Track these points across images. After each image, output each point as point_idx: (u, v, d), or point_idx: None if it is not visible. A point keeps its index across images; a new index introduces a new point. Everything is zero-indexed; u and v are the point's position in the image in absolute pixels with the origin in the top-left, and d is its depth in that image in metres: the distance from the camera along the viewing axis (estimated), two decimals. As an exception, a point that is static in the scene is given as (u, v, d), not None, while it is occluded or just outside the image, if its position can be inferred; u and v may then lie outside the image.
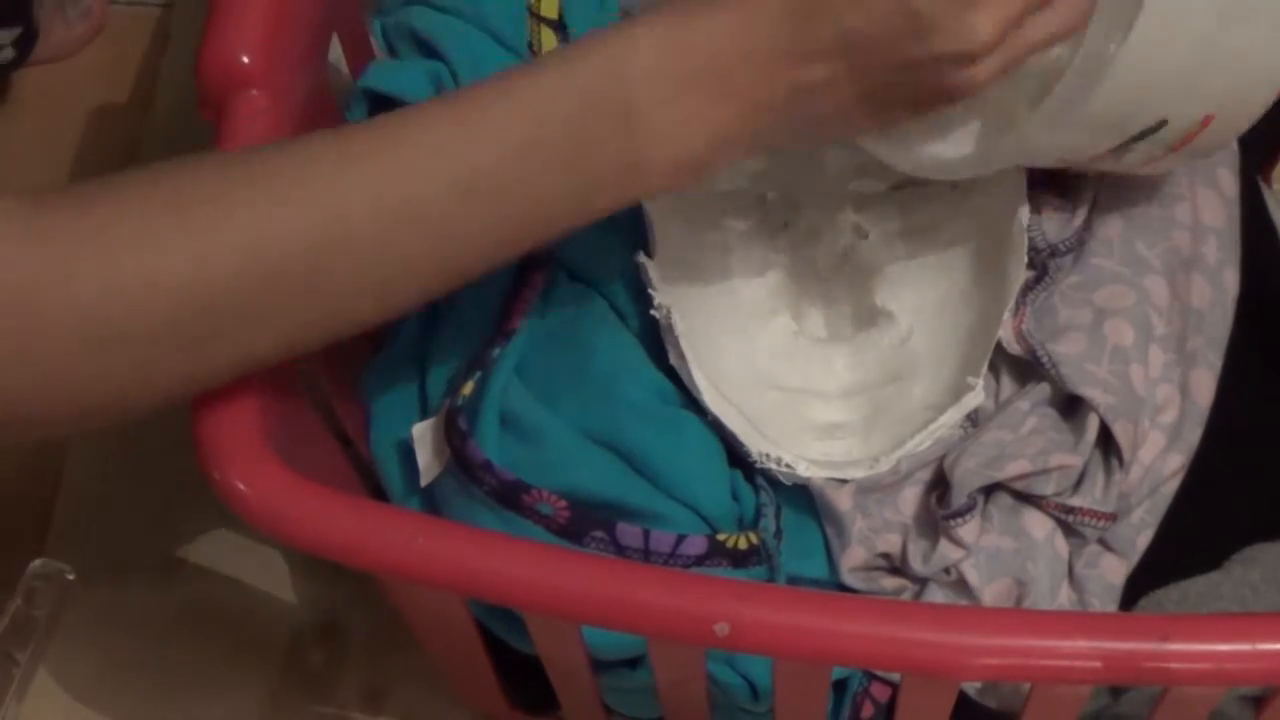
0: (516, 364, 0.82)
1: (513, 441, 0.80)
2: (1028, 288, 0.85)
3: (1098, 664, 0.64)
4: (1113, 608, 0.82)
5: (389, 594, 0.80)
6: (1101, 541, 0.83)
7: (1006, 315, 0.84)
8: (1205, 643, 0.64)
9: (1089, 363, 0.82)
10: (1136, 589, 0.84)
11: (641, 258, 0.83)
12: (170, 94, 1.17)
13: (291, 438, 0.71)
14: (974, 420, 0.84)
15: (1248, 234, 0.92)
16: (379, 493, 0.85)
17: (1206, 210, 0.89)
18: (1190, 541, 0.85)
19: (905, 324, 0.90)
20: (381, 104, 0.89)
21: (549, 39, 0.90)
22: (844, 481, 0.83)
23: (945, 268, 0.90)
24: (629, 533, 0.78)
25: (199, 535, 1.02)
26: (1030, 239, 0.85)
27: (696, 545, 0.79)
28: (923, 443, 0.82)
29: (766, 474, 0.82)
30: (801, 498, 0.83)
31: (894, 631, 0.64)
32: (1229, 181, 0.91)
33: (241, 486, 0.68)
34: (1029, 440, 0.81)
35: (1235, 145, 0.93)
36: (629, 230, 0.86)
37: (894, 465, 0.82)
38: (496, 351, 0.81)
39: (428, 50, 0.89)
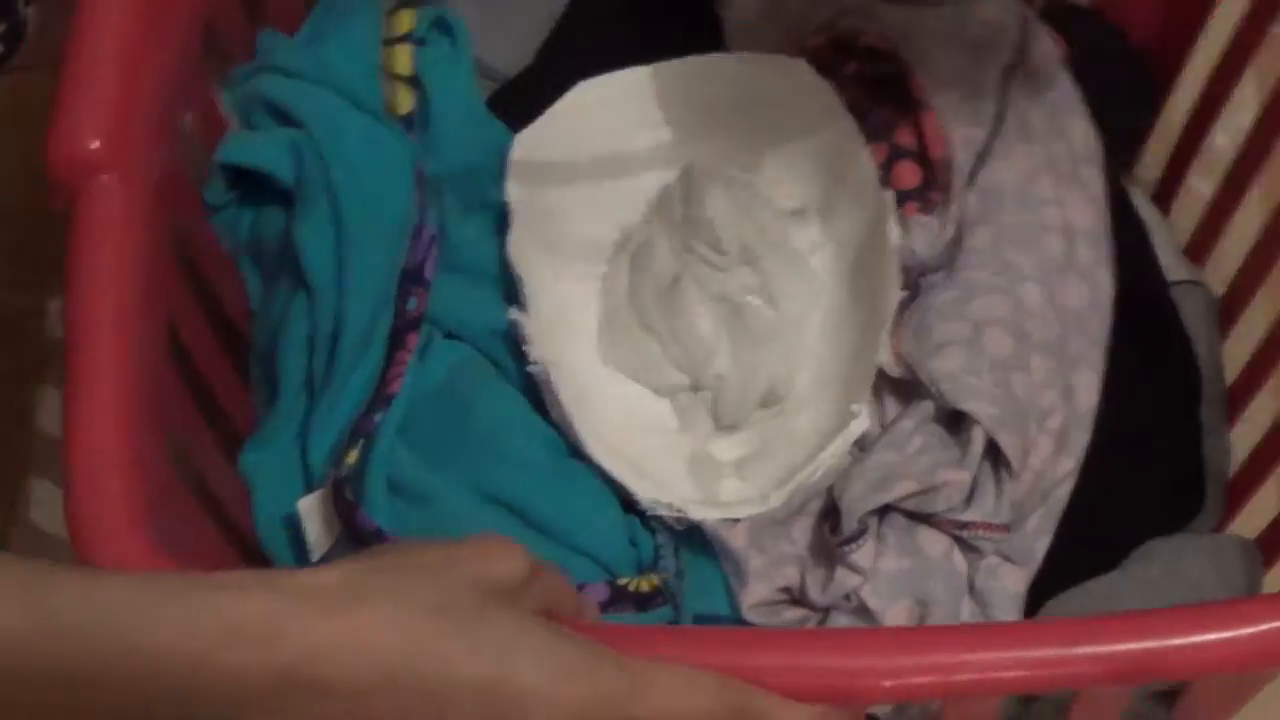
0: (399, 428, 0.81)
1: (403, 507, 0.79)
2: (902, 307, 0.85)
3: (1010, 674, 0.64)
4: (1016, 617, 0.82)
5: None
6: (1000, 552, 0.82)
7: (884, 338, 0.83)
8: (1112, 644, 0.64)
9: (969, 376, 0.82)
10: (1039, 596, 0.84)
11: (515, 313, 0.83)
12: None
13: (168, 523, 0.69)
14: (862, 445, 0.84)
15: (1119, 231, 0.92)
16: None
17: (1076, 212, 0.90)
18: (1087, 543, 0.85)
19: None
20: (241, 177, 0.88)
21: (405, 97, 0.89)
22: (737, 520, 0.82)
23: (820, 295, 0.89)
24: (529, 588, 0.77)
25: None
26: (900, 258, 0.85)
27: (598, 593, 0.78)
28: (813, 475, 0.82)
29: (659, 520, 0.81)
30: (699, 535, 0.83)
31: (799, 660, 0.64)
32: (1095, 182, 0.92)
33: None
34: (916, 459, 0.81)
35: (1099, 144, 0.94)
36: (499, 283, 0.86)
37: (786, 500, 0.82)
38: (378, 417, 0.80)
39: (284, 118, 0.88)
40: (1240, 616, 0.63)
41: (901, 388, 0.85)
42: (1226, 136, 1.01)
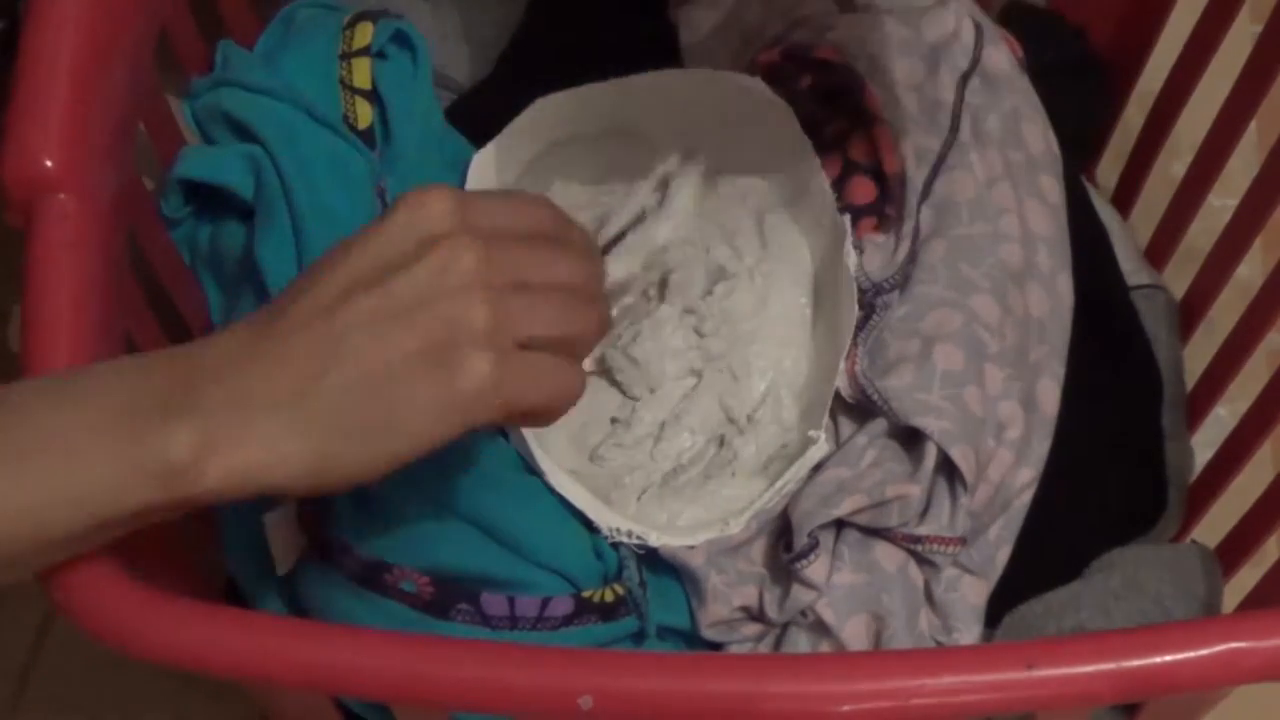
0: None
1: (370, 521, 0.79)
2: (857, 328, 0.85)
3: (967, 698, 0.64)
4: (977, 628, 0.82)
5: (250, 693, 0.78)
6: (959, 564, 0.83)
7: (841, 364, 0.83)
8: (1070, 666, 0.64)
9: (920, 392, 0.82)
10: (999, 606, 0.84)
11: None
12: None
13: (133, 546, 0.69)
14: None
15: (1079, 237, 0.92)
16: (231, 584, 0.83)
17: (1034, 220, 0.90)
18: (1049, 553, 0.85)
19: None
20: (197, 191, 0.88)
21: (364, 110, 0.88)
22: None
23: (779, 322, 0.89)
24: (494, 602, 0.77)
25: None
26: (856, 282, 0.84)
27: (563, 605, 0.78)
28: (770, 500, 0.82)
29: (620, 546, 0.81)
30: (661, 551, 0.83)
31: (757, 687, 0.64)
32: (1053, 189, 0.92)
33: (92, 605, 0.66)
34: (868, 474, 0.81)
35: (1057, 150, 0.93)
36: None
37: (744, 526, 0.82)
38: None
39: (243, 133, 0.87)
40: (1200, 637, 0.63)
41: (857, 407, 0.85)
42: (1187, 138, 1.00)
